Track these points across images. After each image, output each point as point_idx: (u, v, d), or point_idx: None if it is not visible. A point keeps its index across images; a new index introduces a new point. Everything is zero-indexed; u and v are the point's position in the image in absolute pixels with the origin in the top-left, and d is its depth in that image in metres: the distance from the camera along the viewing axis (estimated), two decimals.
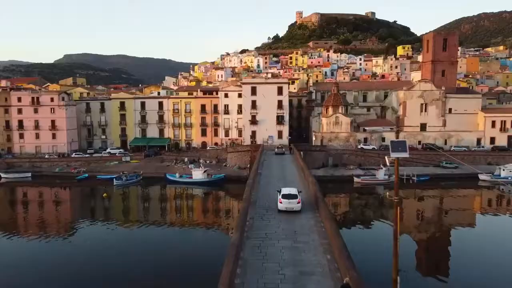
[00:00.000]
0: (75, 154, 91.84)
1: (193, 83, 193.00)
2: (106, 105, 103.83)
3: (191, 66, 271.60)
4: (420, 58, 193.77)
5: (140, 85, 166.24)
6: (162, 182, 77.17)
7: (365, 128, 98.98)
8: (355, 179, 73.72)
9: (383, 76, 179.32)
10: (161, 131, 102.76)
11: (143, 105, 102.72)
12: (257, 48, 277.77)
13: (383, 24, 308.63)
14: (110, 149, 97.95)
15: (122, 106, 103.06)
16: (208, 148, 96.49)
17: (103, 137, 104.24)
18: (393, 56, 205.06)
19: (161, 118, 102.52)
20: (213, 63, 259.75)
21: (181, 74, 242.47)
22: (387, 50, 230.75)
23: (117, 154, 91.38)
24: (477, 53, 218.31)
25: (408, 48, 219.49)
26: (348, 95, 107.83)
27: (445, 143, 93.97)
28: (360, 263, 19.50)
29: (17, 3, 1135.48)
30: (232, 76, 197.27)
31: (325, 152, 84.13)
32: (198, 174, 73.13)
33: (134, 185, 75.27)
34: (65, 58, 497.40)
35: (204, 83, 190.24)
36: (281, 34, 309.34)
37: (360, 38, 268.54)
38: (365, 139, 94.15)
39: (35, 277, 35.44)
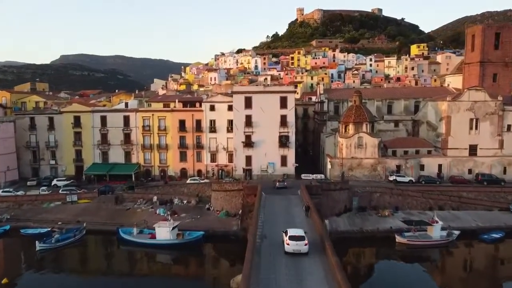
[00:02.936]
0: (1, 192, 67.24)
1: (183, 87, 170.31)
2: (56, 120, 79.43)
3: (182, 67, 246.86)
4: (439, 58, 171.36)
5: (116, 91, 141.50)
6: (114, 239, 52.88)
7: (394, 149, 75.11)
8: (398, 238, 49.49)
9: (398, 79, 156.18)
10: (128, 155, 78.44)
11: (103, 120, 78.34)
12: (254, 48, 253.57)
13: (390, 21, 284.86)
14: (57, 180, 73.62)
15: (77, 121, 78.74)
16: (188, 180, 71.84)
17: (53, 162, 79.87)
18: (407, 56, 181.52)
19: (127, 138, 78.24)
20: (207, 64, 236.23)
21: (171, 77, 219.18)
22: (399, 49, 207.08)
23: (60, 192, 66.87)
24: None
25: (423, 47, 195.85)
26: (369, 105, 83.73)
27: (504, 172, 70.15)
28: None
29: (16, 3, 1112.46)
30: (226, 79, 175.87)
31: (348, 190, 60.07)
32: (163, 233, 48.91)
33: (71, 246, 50.77)
34: (62, 59, 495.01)
35: (195, 87, 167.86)
36: (280, 33, 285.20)
37: (367, 36, 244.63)
38: (398, 167, 70.15)
39: None
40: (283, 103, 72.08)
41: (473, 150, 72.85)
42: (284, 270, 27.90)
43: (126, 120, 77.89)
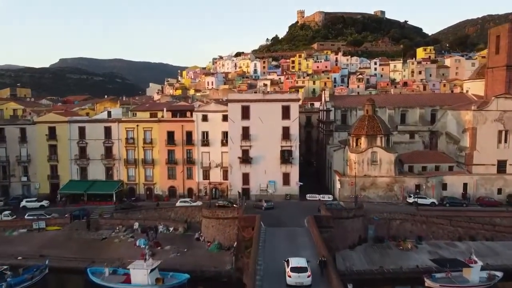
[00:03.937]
0: None
1: (179, 92, 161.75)
2: (28, 131, 70.39)
3: (178, 71, 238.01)
4: (448, 61, 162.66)
5: (106, 96, 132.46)
6: (83, 279, 43.63)
7: (411, 165, 66.22)
8: (428, 282, 40.21)
9: (405, 84, 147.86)
10: (109, 171, 69.34)
11: (82, 131, 69.28)
12: (254, 51, 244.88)
13: (394, 24, 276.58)
14: (26, 201, 64.45)
15: (52, 133, 69.67)
16: (177, 203, 62.32)
17: (25, 179, 70.73)
18: (413, 59, 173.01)
19: (108, 152, 69.14)
20: (204, 68, 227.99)
21: (167, 81, 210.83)
22: (404, 53, 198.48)
23: (26, 217, 57.68)
24: None
25: (430, 50, 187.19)
26: (381, 114, 74.69)
27: None
28: None
29: (16, 5, 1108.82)
30: (224, 83, 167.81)
31: (362, 217, 50.93)
32: (139, 276, 39.72)
33: None
34: (60, 62, 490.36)
35: (191, 92, 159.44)
36: (281, 35, 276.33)
37: (370, 39, 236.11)
38: (418, 187, 60.99)
39: None
40: (285, 113, 63.04)
41: (502, 166, 64.09)
42: None
43: (108, 131, 68.79)
